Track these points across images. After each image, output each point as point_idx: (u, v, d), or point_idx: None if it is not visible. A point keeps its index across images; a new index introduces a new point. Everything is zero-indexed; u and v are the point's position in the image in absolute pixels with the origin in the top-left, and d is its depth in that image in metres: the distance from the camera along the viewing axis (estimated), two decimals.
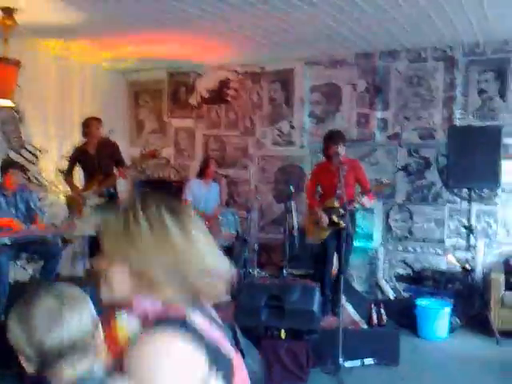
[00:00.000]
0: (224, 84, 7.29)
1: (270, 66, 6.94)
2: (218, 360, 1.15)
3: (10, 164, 5.26)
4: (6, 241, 4.63)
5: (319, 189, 5.39)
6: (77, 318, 1.21)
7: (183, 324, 1.14)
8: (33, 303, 1.21)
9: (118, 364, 1.14)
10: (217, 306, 4.52)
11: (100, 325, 1.28)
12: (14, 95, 5.12)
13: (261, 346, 4.07)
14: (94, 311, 1.26)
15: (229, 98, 7.27)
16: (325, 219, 5.01)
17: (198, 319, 1.18)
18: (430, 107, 6.17)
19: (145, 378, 1.07)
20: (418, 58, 6.18)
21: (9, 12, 4.77)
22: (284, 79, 6.93)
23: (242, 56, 6.75)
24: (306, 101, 6.80)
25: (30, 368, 1.23)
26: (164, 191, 7.04)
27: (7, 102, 5.17)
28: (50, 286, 1.27)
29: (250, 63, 7.03)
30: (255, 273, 5.67)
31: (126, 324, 1.20)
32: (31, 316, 1.19)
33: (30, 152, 6.35)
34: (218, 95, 7.33)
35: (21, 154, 6.22)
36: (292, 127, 6.91)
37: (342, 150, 5.00)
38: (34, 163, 6.38)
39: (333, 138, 5.07)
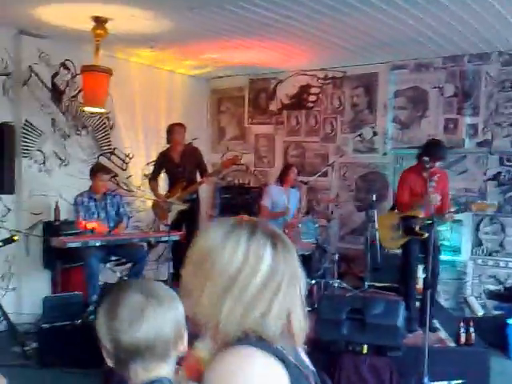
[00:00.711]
0: (304, 89, 7.24)
1: (353, 70, 6.81)
2: None
3: (99, 168, 5.49)
4: (97, 243, 4.84)
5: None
6: (159, 320, 1.16)
7: (263, 344, 1.09)
8: (120, 298, 1.18)
9: None
10: None
11: (186, 334, 1.23)
12: (106, 102, 5.32)
13: (342, 361, 3.97)
14: (182, 318, 1.20)
15: (309, 104, 7.20)
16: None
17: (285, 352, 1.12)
18: None
19: None
20: (511, 60, 5.82)
21: (100, 22, 4.97)
22: (367, 84, 6.77)
23: (324, 61, 6.67)
24: (390, 106, 6.60)
25: (109, 362, 1.21)
26: (244, 197, 7.10)
27: (99, 109, 5.38)
28: (142, 283, 1.24)
29: (331, 68, 6.94)
30: (335, 283, 5.55)
31: (205, 346, 1.14)
32: (115, 310, 1.17)
33: (119, 158, 6.61)
34: (299, 101, 7.29)
35: (110, 160, 6.49)
36: (375, 133, 6.73)
37: (439, 165, 4.75)
38: (122, 169, 6.65)
39: (436, 155, 4.66)
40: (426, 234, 4.56)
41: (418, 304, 4.88)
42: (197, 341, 1.16)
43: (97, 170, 5.36)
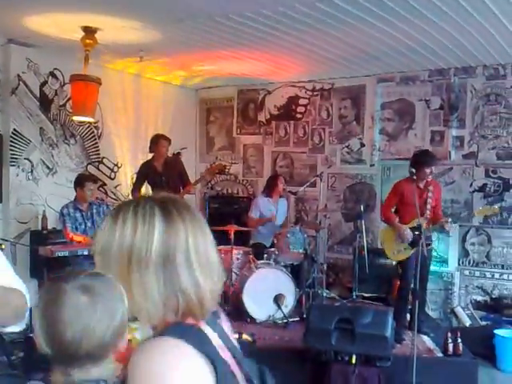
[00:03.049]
0: (293, 101, 7.29)
1: (340, 82, 6.88)
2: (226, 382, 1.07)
3: (86, 178, 5.45)
4: (85, 252, 4.80)
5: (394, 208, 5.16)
6: (106, 319, 1.08)
7: (192, 333, 1.06)
8: (60, 297, 1.07)
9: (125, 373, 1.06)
10: (284, 328, 4.44)
11: (126, 331, 1.15)
12: (95, 112, 5.31)
13: (331, 371, 3.97)
14: (125, 314, 1.11)
15: (298, 115, 7.26)
16: (409, 235, 4.79)
17: (212, 335, 1.10)
18: (509, 126, 5.88)
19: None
20: (496, 74, 5.93)
21: (90, 31, 4.96)
22: (355, 96, 6.84)
23: (312, 73, 6.73)
24: (377, 118, 6.67)
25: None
26: (232, 207, 7.12)
27: (88, 119, 5.37)
28: (82, 279, 1.10)
29: (319, 80, 7.00)
30: (324, 293, 5.56)
31: (140, 331, 1.14)
32: (57, 307, 1.06)
33: (108, 167, 6.59)
34: (287, 112, 7.34)
35: (99, 169, 6.47)
36: (362, 145, 6.79)
37: (432, 173, 4.93)
38: (111, 178, 6.62)
39: (428, 161, 4.89)
40: (432, 245, 4.65)
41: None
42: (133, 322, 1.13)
43: (84, 180, 5.32)
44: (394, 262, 5.06)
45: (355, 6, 4.21)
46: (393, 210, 5.13)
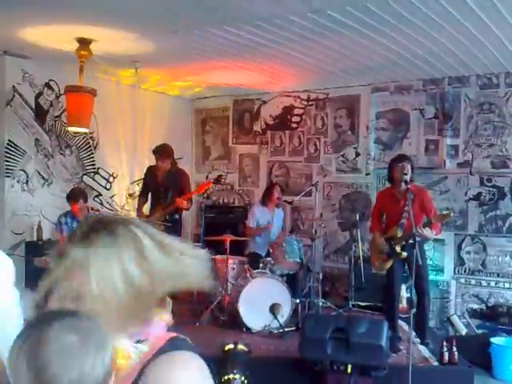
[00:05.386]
0: (288, 111, 7.32)
1: (335, 92, 6.91)
2: None
3: (72, 195, 5.38)
4: None
5: (384, 217, 5.10)
6: (99, 360, 0.99)
7: (188, 343, 1.12)
8: (45, 337, 0.97)
9: None
10: (280, 338, 4.39)
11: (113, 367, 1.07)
12: (90, 122, 5.33)
13: (326, 381, 3.95)
14: (112, 353, 1.04)
15: (293, 125, 7.28)
16: (382, 244, 4.79)
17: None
18: (503, 135, 5.92)
19: None
20: (490, 83, 5.97)
21: (85, 43, 4.99)
22: (349, 105, 6.88)
23: (307, 83, 6.76)
24: (372, 127, 6.70)
25: None
26: (228, 216, 7.12)
27: (83, 129, 5.38)
28: (70, 318, 1.03)
29: (314, 90, 7.04)
30: (319, 303, 5.55)
31: (129, 350, 1.07)
32: (42, 351, 0.95)
33: (103, 177, 6.58)
34: (282, 122, 7.37)
35: (94, 179, 6.46)
36: (357, 154, 6.81)
37: (407, 169, 4.66)
38: (106, 188, 6.62)
39: (396, 159, 4.86)
40: (405, 254, 4.58)
41: (403, 323, 4.90)
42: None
43: (68, 198, 5.29)
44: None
45: (348, 17, 4.24)
46: (383, 219, 5.08)
